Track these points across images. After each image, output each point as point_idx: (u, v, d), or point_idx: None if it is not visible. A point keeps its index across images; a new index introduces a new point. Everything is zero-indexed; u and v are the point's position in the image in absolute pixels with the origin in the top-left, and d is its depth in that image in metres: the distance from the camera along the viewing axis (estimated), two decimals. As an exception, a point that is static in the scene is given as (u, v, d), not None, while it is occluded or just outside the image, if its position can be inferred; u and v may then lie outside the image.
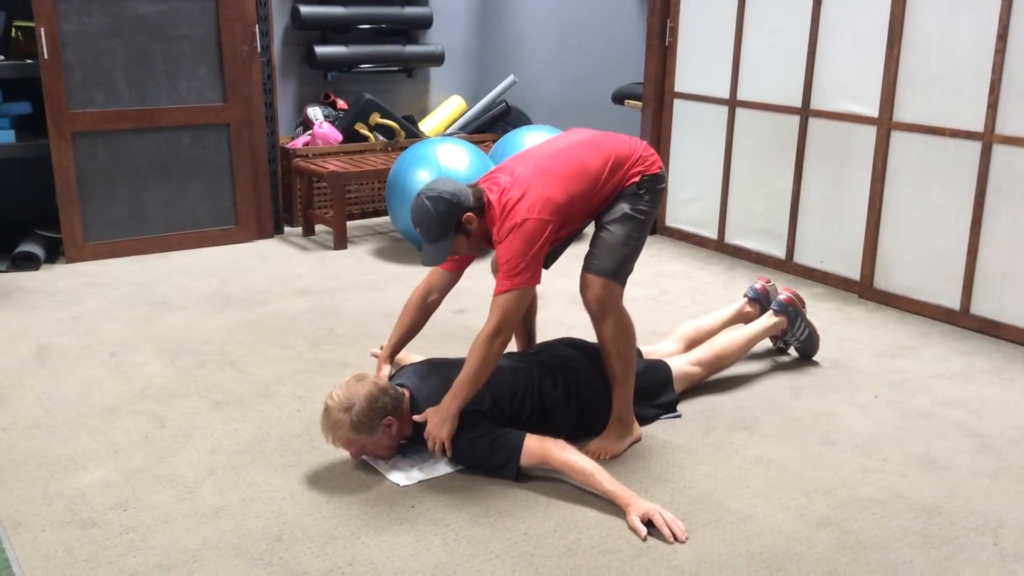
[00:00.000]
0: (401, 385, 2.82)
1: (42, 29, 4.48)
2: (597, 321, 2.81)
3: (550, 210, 2.64)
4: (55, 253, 4.83)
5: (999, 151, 3.79)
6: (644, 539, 2.41)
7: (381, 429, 2.67)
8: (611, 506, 2.54)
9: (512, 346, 3.16)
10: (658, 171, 2.84)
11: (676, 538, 2.41)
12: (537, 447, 2.64)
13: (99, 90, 4.71)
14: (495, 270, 2.77)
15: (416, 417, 2.74)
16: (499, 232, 2.67)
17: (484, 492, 2.62)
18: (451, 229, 2.69)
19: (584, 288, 2.80)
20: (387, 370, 2.96)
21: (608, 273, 2.76)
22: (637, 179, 2.80)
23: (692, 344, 3.41)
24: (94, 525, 2.44)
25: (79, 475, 2.69)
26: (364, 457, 2.78)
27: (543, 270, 2.88)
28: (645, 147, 2.87)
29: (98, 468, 2.73)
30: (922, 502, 2.62)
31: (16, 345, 3.67)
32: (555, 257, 3.00)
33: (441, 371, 2.85)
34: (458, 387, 2.66)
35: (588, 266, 2.80)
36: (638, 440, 2.94)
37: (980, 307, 3.95)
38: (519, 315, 2.72)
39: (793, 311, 3.51)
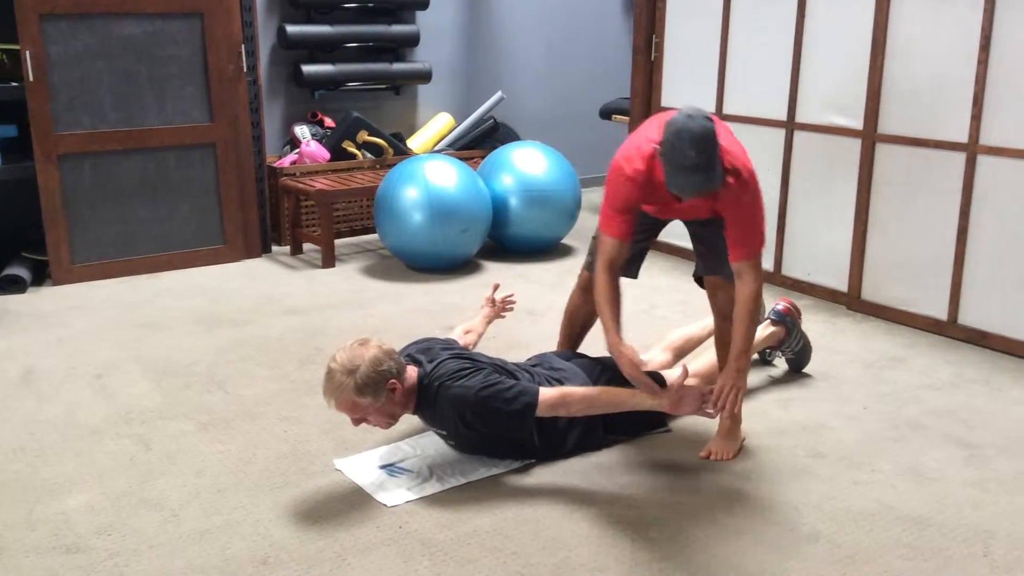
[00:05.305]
0: (407, 356, 2.82)
1: (27, 52, 4.47)
2: (725, 318, 2.89)
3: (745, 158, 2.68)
4: (42, 276, 4.81)
5: (983, 161, 3.81)
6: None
7: (385, 394, 2.64)
8: (601, 522, 2.53)
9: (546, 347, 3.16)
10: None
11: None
12: (555, 393, 2.66)
13: (85, 112, 4.71)
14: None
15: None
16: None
17: (472, 511, 2.61)
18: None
19: (718, 289, 2.94)
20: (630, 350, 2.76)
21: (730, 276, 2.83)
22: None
23: (681, 353, 3.40)
24: (78, 550, 2.41)
25: (64, 499, 2.66)
26: (349, 474, 2.77)
27: (632, 279, 3.03)
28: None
29: (83, 492, 2.71)
30: (912, 514, 2.61)
31: (2, 368, 3.64)
32: (638, 264, 3.09)
33: (440, 344, 2.93)
34: (737, 352, 2.69)
35: (718, 271, 2.89)
36: (743, 440, 2.99)
37: (968, 317, 3.96)
38: None
39: (791, 321, 3.51)
